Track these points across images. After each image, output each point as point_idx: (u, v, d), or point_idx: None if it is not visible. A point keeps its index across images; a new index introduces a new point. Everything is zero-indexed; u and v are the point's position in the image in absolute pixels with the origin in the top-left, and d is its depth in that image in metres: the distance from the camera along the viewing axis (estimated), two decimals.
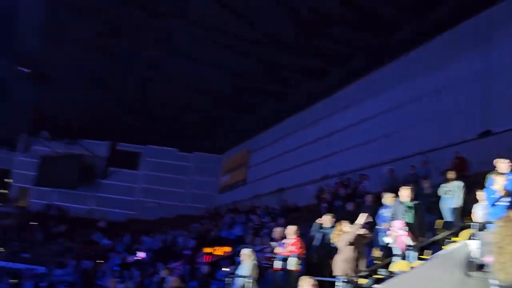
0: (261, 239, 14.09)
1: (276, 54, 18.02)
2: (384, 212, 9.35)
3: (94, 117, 25.32)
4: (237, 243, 15.68)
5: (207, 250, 17.09)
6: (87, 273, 19.62)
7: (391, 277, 7.41)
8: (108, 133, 27.69)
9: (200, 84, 20.57)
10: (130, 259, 20.47)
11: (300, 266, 9.14)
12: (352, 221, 8.19)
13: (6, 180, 28.86)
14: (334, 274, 7.73)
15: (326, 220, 9.68)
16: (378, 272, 8.07)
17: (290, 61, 18.32)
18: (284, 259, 9.18)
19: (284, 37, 16.94)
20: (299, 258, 9.06)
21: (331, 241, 8.43)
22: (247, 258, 9.13)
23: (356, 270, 7.63)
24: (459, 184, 9.78)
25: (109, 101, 23.32)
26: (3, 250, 24.44)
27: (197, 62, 18.76)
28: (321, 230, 9.67)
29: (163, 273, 12.34)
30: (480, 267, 6.55)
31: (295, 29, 16.42)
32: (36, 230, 26.56)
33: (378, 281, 7.55)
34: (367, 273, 7.93)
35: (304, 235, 9.97)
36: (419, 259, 7.98)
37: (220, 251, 16.70)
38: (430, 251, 8.32)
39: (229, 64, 18.89)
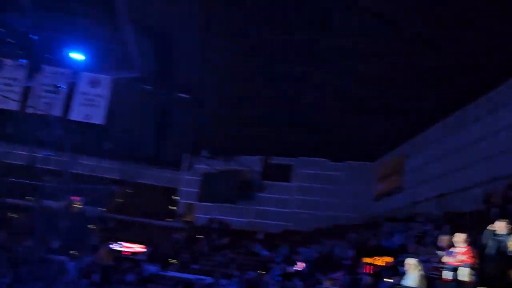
0: (425, 248, 13.36)
1: (424, 54, 17.13)
2: None
3: (247, 134, 26.60)
4: (399, 253, 15.06)
5: (367, 260, 16.69)
6: (251, 283, 20.50)
7: None
8: (261, 148, 28.85)
9: (347, 92, 20.43)
10: (290, 269, 20.90)
11: (474, 276, 8.47)
12: None
13: (174, 197, 31.57)
14: None
15: (500, 226, 8.82)
16: None
17: (441, 59, 17.24)
18: (455, 269, 8.59)
19: (431, 36, 16.04)
20: (472, 268, 8.39)
21: (509, 250, 7.67)
22: (413, 268, 8.74)
23: None
24: None
25: (260, 118, 24.35)
26: (176, 262, 26.63)
27: (343, 71, 18.69)
28: (494, 238, 8.84)
29: (326, 283, 12.37)
30: None
31: (442, 26, 15.46)
32: (202, 243, 28.54)
33: None
34: None
35: (473, 243, 9.23)
36: None
37: (381, 261, 16.19)
38: None
39: (376, 69, 18.46)
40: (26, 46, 22.57)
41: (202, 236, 28.96)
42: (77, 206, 29.33)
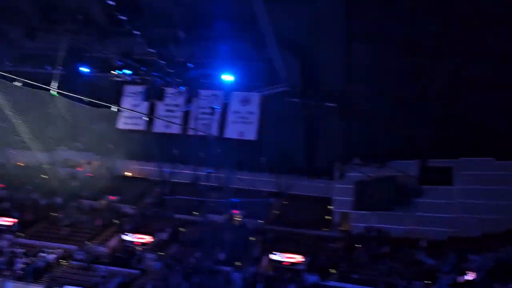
0: None
1: None
2: None
3: (400, 138, 25.64)
4: None
5: None
6: None
7: None
8: (416, 152, 27.47)
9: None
10: (461, 279, 19.51)
11: None
12: None
13: (329, 207, 31.52)
14: None
15: None
16: None
17: None
18: None
19: None
20: None
21: None
22: None
23: None
24: None
25: (413, 120, 23.33)
26: (335, 272, 26.46)
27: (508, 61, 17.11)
28: None
29: None
30: None
31: None
32: (361, 252, 27.95)
33: None
34: None
35: None
36: None
37: None
38: None
39: None
40: (184, 74, 24.66)
41: (360, 245, 28.38)
42: (238, 219, 30.92)
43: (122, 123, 28.08)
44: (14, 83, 19.03)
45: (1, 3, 25.01)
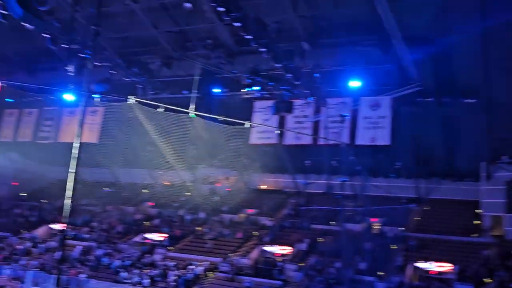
0: None
1: None
2: None
3: None
4: None
5: None
6: None
7: None
8: None
9: None
10: None
11: None
12: None
13: (476, 211, 29.22)
14: None
15: None
16: None
17: None
18: None
19: None
20: None
21: None
22: None
23: None
24: None
25: None
26: (491, 280, 24.37)
27: None
28: None
29: None
30: None
31: None
32: None
33: None
34: None
35: None
36: None
37: None
38: None
39: None
40: (310, 85, 24.75)
41: None
42: (377, 227, 30.03)
43: (255, 138, 28.92)
44: (157, 109, 20.66)
45: (140, 39, 27.49)
